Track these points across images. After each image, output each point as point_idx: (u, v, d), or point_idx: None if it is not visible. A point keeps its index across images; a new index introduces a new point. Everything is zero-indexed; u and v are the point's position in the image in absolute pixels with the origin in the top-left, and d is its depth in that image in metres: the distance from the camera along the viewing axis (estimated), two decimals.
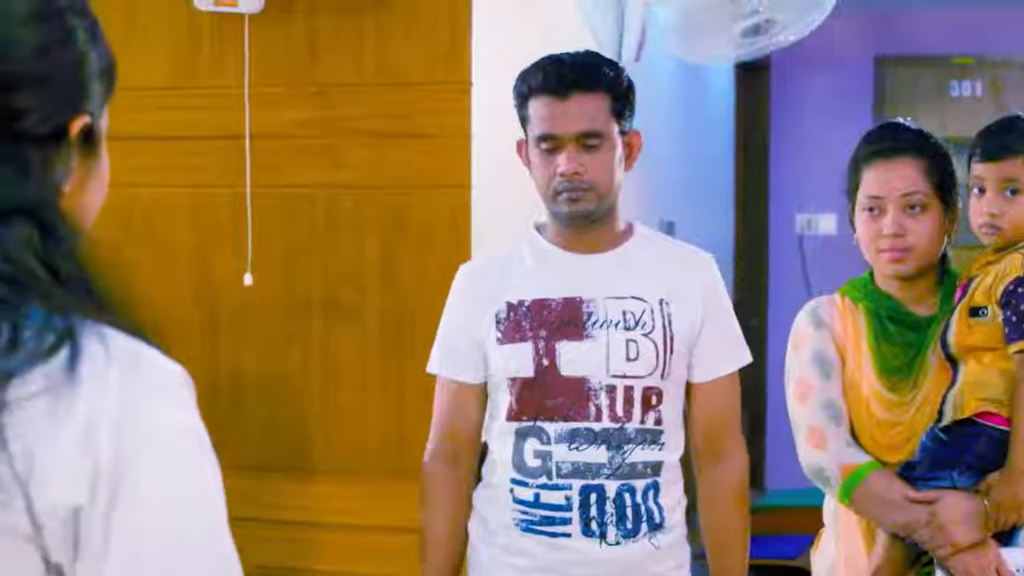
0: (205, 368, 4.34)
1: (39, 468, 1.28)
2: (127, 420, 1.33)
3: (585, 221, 3.15)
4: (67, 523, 1.30)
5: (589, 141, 3.08)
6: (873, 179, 3.17)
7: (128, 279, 1.49)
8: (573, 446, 3.10)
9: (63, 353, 1.32)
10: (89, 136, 1.50)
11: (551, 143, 3.10)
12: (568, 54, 3.16)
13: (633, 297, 3.15)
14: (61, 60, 1.47)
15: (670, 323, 3.15)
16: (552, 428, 3.11)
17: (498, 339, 3.17)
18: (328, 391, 4.27)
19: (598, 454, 3.10)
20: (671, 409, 3.18)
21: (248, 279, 4.23)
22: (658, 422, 3.15)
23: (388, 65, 4.19)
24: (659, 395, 3.15)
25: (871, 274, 3.28)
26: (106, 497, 1.30)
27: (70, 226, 1.43)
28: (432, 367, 3.31)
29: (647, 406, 3.13)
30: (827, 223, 8.58)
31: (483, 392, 3.25)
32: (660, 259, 3.23)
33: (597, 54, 3.23)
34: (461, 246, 4.09)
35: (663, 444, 3.15)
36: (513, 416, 3.16)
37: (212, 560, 1.38)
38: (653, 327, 3.13)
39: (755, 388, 7.52)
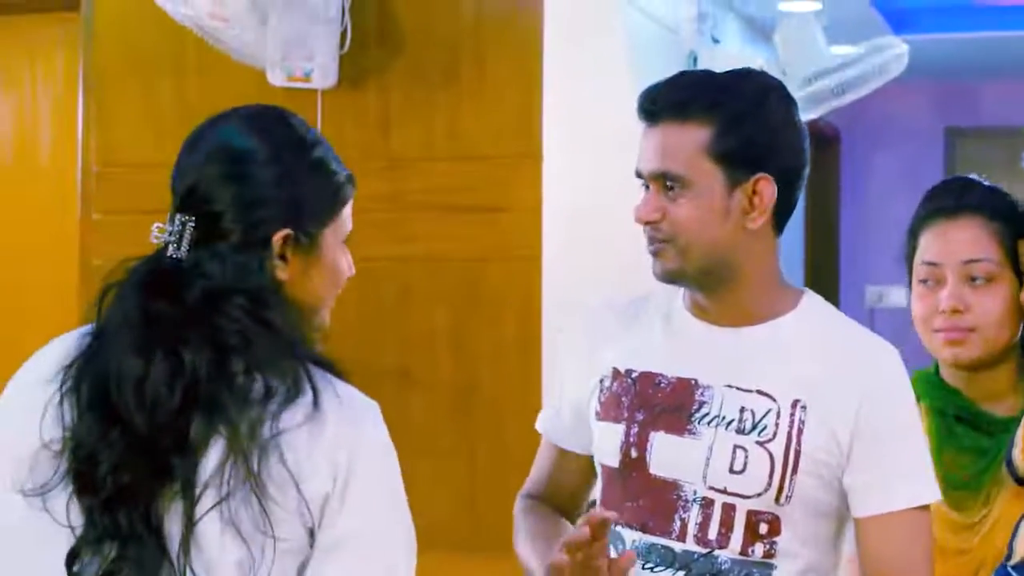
0: None
1: (305, 471, 1.92)
2: (354, 438, 1.99)
3: (674, 282, 2.46)
4: (320, 504, 1.94)
5: (667, 183, 2.36)
6: (931, 243, 2.63)
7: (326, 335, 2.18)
8: (647, 566, 2.41)
9: (308, 394, 1.96)
10: (299, 241, 2.04)
11: (642, 181, 2.43)
12: (704, 71, 2.53)
13: (759, 392, 2.38)
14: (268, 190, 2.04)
15: (800, 433, 2.35)
16: (629, 537, 2.44)
17: (597, 413, 2.51)
18: (400, 463, 4.26)
19: None
20: (800, 541, 2.39)
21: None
22: (769, 555, 2.37)
23: (459, 138, 4.22)
24: (773, 523, 2.36)
25: (938, 365, 2.69)
26: (343, 484, 1.97)
27: (283, 301, 2.02)
28: (539, 423, 2.72)
29: (753, 535, 2.36)
30: (898, 296, 8.50)
31: (590, 465, 2.59)
32: (814, 346, 2.42)
33: (739, 73, 2.47)
34: (532, 317, 4.10)
35: None
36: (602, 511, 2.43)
37: (403, 511, 2.10)
38: (775, 435, 2.35)
39: None
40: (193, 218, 1.99)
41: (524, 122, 4.13)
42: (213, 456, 1.89)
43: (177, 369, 1.90)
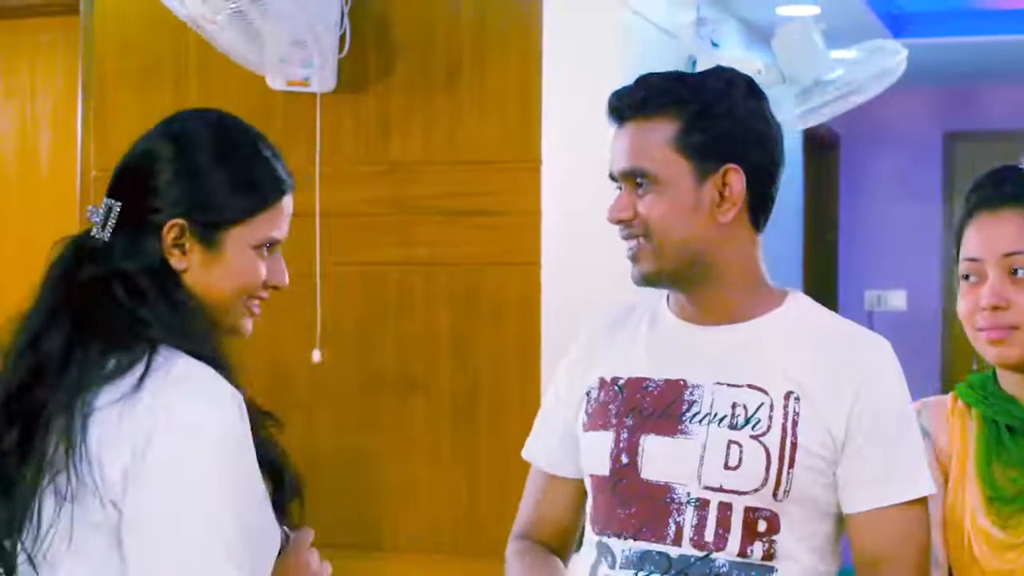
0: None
1: (112, 448, 1.95)
2: (162, 416, 1.95)
3: (654, 285, 2.43)
4: (121, 481, 1.94)
5: (637, 180, 2.35)
6: (972, 237, 2.46)
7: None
8: (640, 575, 2.33)
9: (137, 373, 1.99)
10: (197, 234, 2.09)
11: (615, 183, 2.43)
12: (672, 72, 2.46)
13: (750, 386, 2.33)
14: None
15: (795, 426, 2.30)
16: (620, 548, 2.36)
17: (584, 424, 2.46)
18: (399, 468, 4.27)
19: None
20: (799, 542, 2.32)
21: (316, 356, 4.25)
22: (768, 556, 2.29)
23: (459, 143, 4.22)
24: (771, 520, 2.30)
25: (995, 370, 2.51)
26: (139, 461, 1.94)
27: (167, 287, 2.07)
28: (525, 451, 2.66)
29: (751, 533, 2.29)
30: (897, 299, 8.55)
31: (581, 492, 2.52)
32: (803, 340, 2.38)
33: (705, 71, 2.46)
34: (531, 323, 4.09)
35: None
36: (592, 526, 2.44)
37: (202, 497, 1.95)
38: (768, 428, 2.30)
39: None
40: (118, 203, 2.11)
41: (524, 127, 4.13)
42: (54, 433, 1.98)
43: (32, 344, 2.04)
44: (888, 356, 2.38)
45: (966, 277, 2.45)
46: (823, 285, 8.68)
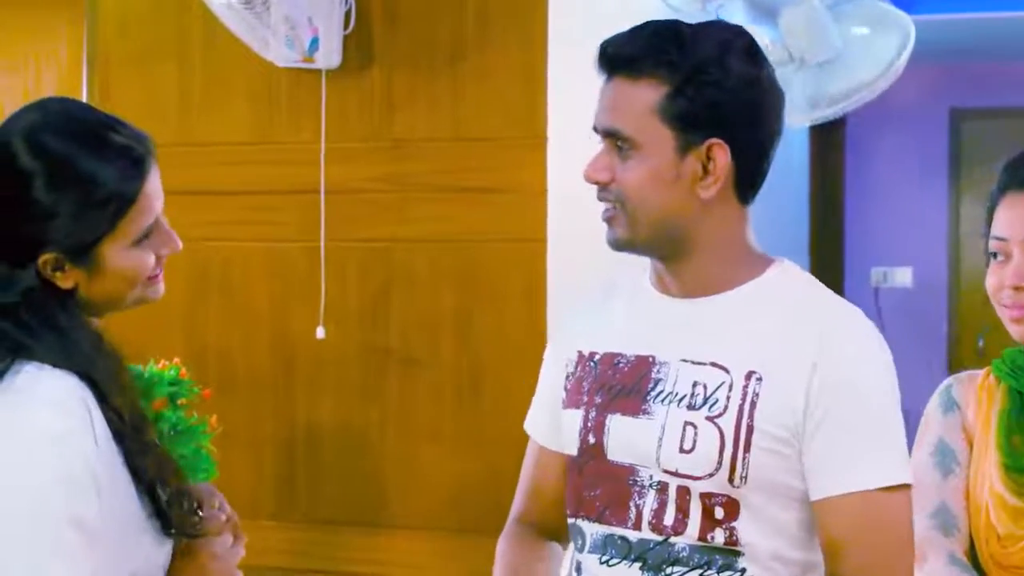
0: (279, 421, 4.37)
1: None
2: (2, 423, 1.95)
3: (626, 251, 2.28)
4: None
5: (618, 142, 2.21)
6: (1000, 216, 2.45)
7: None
8: (604, 559, 2.24)
9: None
10: (78, 256, 2.05)
11: (598, 139, 2.28)
12: (669, 22, 2.27)
13: (713, 364, 2.19)
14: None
15: (752, 407, 2.14)
16: (588, 531, 2.27)
17: (563, 400, 2.36)
18: (401, 444, 4.27)
19: (629, 574, 2.22)
20: (763, 528, 2.17)
21: (320, 332, 4.25)
22: (731, 542, 2.15)
23: (463, 120, 4.21)
24: (729, 506, 2.16)
25: None
26: None
27: (54, 310, 2.06)
28: (526, 422, 2.56)
29: (710, 520, 2.16)
30: (903, 276, 8.53)
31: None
32: (772, 313, 2.21)
33: (702, 26, 2.26)
34: (535, 300, 4.09)
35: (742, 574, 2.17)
36: (566, 507, 2.36)
37: (26, 507, 1.92)
38: (725, 409, 2.15)
39: None
40: None
41: (529, 104, 4.12)
42: None
43: None
44: (858, 328, 2.19)
45: (994, 255, 2.44)
46: (829, 262, 8.67)
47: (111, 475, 2.00)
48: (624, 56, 2.20)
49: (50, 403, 1.97)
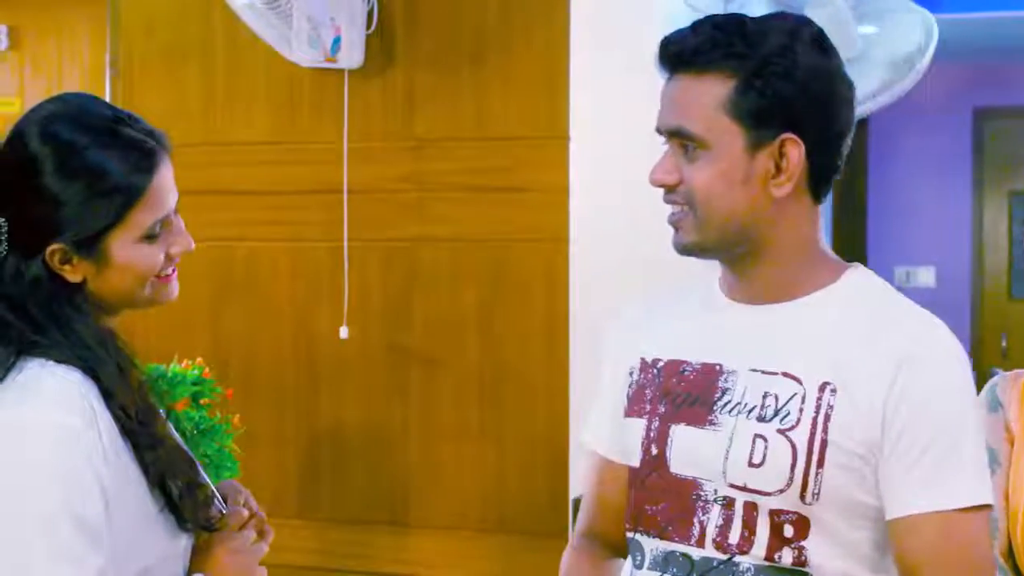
0: (303, 420, 4.37)
1: None
2: (3, 418, 1.95)
3: (694, 255, 2.18)
4: None
5: (684, 142, 2.10)
6: None
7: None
8: None
9: None
10: (85, 248, 2.05)
11: (662, 140, 2.16)
12: (732, 16, 2.15)
13: (785, 374, 2.08)
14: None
15: (827, 420, 2.03)
16: (648, 547, 2.16)
17: (624, 408, 2.25)
18: (424, 443, 4.27)
19: None
20: (835, 549, 2.06)
21: (344, 332, 4.26)
22: (800, 563, 2.04)
23: (485, 119, 4.21)
24: (799, 524, 2.04)
25: None
26: None
27: (62, 303, 2.06)
28: (583, 434, 2.42)
29: (778, 538, 2.04)
30: (926, 275, 8.51)
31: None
32: (849, 322, 2.11)
33: (768, 18, 2.16)
34: (558, 299, 4.09)
35: None
36: (625, 521, 2.24)
37: (29, 499, 1.92)
38: (798, 422, 2.04)
39: None
40: (4, 221, 2.09)
41: (551, 102, 4.12)
42: None
43: None
44: (941, 341, 2.07)
45: None
46: (852, 261, 8.65)
47: (119, 471, 2.00)
48: (688, 51, 2.09)
49: (53, 400, 1.98)
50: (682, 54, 2.09)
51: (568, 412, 4.03)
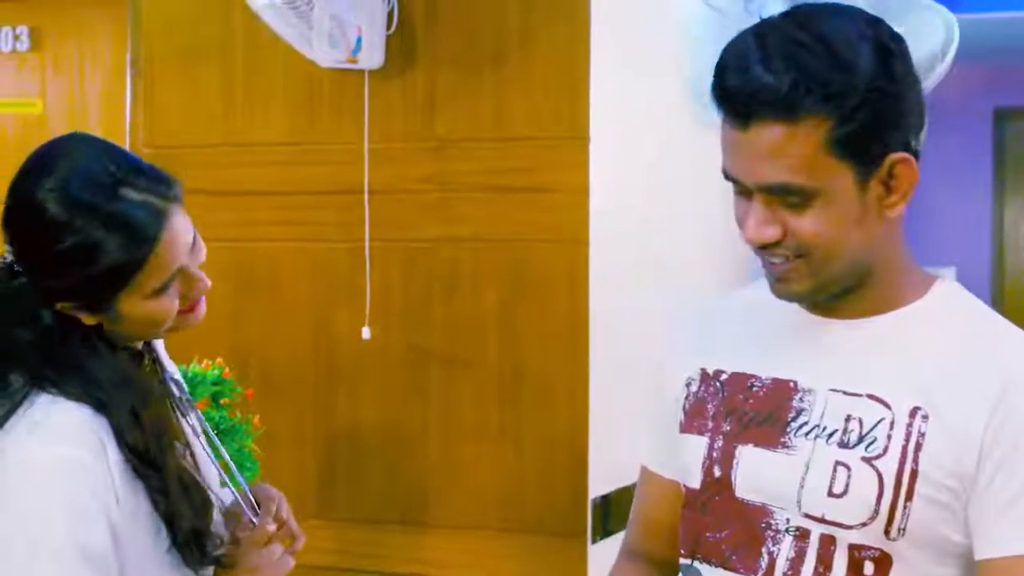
0: (323, 420, 4.37)
1: None
2: (12, 451, 1.99)
3: (807, 302, 2.01)
4: None
5: (788, 198, 1.88)
6: None
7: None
8: None
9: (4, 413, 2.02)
10: (94, 309, 2.09)
11: (738, 186, 1.94)
12: (787, 37, 1.86)
13: (870, 396, 1.92)
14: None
15: (917, 449, 1.87)
16: (708, 575, 2.03)
17: (681, 423, 2.11)
18: (444, 444, 4.27)
19: None
20: None
21: (366, 333, 4.26)
22: None
23: (506, 120, 4.20)
24: (881, 561, 1.88)
25: None
26: None
27: (73, 345, 2.09)
28: (642, 455, 2.29)
29: (857, 574, 1.89)
30: (947, 278, 8.50)
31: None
32: (939, 342, 1.94)
33: (838, 32, 1.86)
34: (579, 301, 4.08)
35: None
36: (680, 546, 2.11)
37: (35, 535, 1.95)
38: (886, 450, 1.88)
39: None
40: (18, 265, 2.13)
41: (571, 103, 4.12)
42: None
43: None
44: None
45: None
46: None
47: (129, 503, 2.04)
48: (775, 99, 1.83)
49: (61, 434, 2.01)
50: (768, 102, 1.83)
51: (588, 412, 4.03)
